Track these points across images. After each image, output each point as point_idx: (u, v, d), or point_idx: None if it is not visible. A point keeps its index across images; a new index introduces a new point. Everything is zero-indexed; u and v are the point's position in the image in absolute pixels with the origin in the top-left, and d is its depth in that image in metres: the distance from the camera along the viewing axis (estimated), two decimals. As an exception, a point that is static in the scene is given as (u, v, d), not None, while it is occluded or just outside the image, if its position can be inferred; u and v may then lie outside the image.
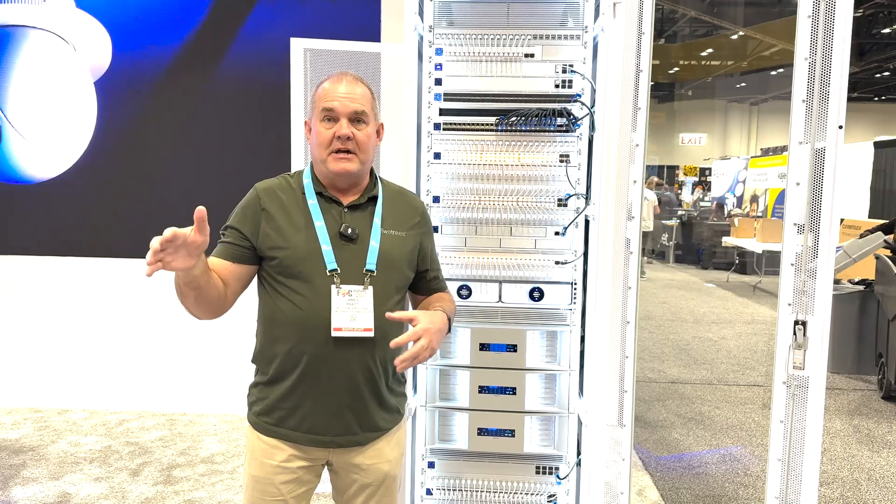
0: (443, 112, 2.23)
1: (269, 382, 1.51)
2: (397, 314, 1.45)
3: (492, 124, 2.21)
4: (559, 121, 2.17)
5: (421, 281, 1.66)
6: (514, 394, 2.22)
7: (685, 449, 3.76)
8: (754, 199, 13.54)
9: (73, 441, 3.56)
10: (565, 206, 2.22)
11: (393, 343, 1.40)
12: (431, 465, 2.29)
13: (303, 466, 1.52)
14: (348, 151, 1.48)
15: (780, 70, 16.37)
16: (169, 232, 1.19)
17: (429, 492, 2.28)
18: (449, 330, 1.54)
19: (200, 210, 1.24)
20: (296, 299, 1.46)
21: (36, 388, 4.01)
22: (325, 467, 1.60)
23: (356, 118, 1.49)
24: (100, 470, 3.23)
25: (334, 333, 1.44)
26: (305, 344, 1.46)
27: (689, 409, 4.41)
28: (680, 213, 12.86)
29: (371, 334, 1.46)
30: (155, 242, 1.18)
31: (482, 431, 2.24)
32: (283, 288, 1.48)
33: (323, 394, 1.48)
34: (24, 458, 3.34)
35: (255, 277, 1.55)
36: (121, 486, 3.06)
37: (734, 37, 14.37)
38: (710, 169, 18.12)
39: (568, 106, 2.18)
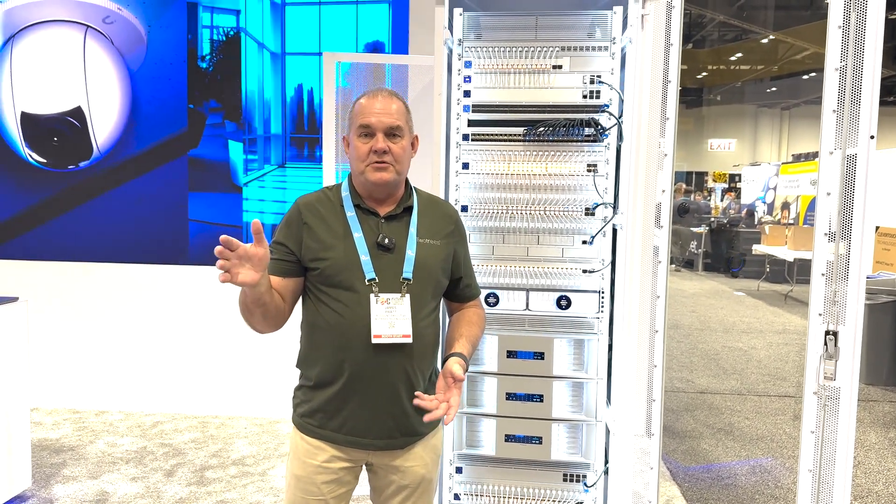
0: (471, 123, 2.27)
1: (314, 387, 1.58)
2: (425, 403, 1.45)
3: (519, 135, 2.24)
4: (587, 131, 2.19)
5: (455, 288, 1.70)
6: (542, 401, 2.24)
7: (714, 460, 3.72)
8: (785, 205, 13.28)
9: (111, 441, 3.67)
10: (593, 215, 2.23)
11: (426, 418, 1.45)
12: (459, 470, 2.32)
13: (344, 467, 1.58)
14: (385, 163, 1.54)
15: (812, 74, 16.04)
16: (224, 237, 1.29)
17: (457, 497, 2.31)
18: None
19: (256, 223, 1.33)
20: (337, 307, 1.52)
21: (75, 390, 4.16)
22: (364, 468, 1.65)
23: (391, 132, 1.56)
24: (136, 470, 3.32)
25: (374, 340, 1.50)
26: (346, 350, 1.52)
27: (718, 420, 4.35)
28: (710, 219, 12.67)
29: (409, 340, 1.51)
30: (218, 247, 1.30)
31: (509, 438, 2.26)
32: (325, 296, 1.54)
33: (364, 398, 1.53)
34: (65, 457, 3.46)
35: None
36: (156, 487, 3.15)
37: (764, 41, 14.14)
38: (739, 175, 17.82)
39: (596, 116, 2.20)
